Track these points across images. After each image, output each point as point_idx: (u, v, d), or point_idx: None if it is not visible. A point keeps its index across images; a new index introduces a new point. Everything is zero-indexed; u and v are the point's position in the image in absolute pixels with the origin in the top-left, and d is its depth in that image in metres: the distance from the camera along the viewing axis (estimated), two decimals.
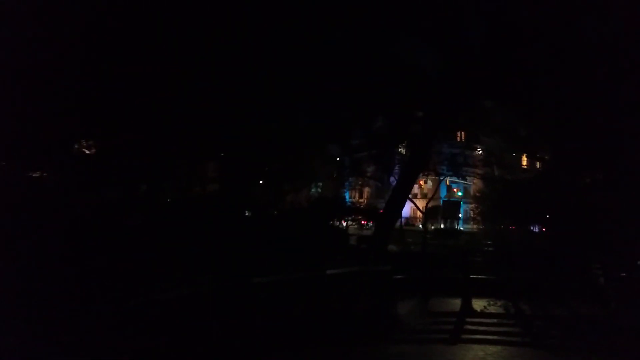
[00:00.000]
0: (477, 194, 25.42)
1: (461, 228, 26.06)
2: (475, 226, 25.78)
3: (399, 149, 23.26)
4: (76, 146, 16.63)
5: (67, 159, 15.56)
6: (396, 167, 22.34)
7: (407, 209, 27.74)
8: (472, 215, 27.24)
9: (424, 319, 12.71)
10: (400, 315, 12.85)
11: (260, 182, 19.47)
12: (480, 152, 23.90)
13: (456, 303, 13.75)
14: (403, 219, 25.59)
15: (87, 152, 17.69)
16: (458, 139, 25.22)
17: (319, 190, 25.26)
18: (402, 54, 20.13)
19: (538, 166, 24.36)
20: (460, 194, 28.98)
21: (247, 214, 18.01)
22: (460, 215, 27.69)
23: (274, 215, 17.39)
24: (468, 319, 12.69)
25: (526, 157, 24.11)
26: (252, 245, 13.31)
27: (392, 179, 23.64)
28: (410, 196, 28.01)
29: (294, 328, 10.57)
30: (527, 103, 20.08)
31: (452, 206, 27.32)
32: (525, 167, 25.36)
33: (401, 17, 19.20)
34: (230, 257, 12.14)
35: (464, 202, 28.78)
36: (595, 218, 15.93)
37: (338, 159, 25.21)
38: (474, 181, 25.95)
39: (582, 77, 17.12)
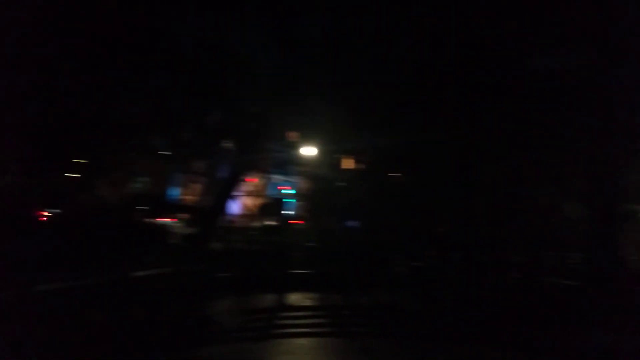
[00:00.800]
0: (305, 192, 26.62)
1: (288, 225, 26.88)
2: (303, 223, 26.89)
3: (230, 145, 22.93)
4: None
5: None
6: (226, 164, 21.99)
7: (237, 206, 27.61)
8: (300, 212, 28.38)
9: (238, 317, 12.55)
10: (213, 315, 12.49)
11: (66, 175, 17.16)
12: (309, 151, 24.90)
13: (273, 299, 13.99)
14: (232, 216, 25.38)
15: None
16: (288, 138, 25.94)
17: (142, 185, 23.46)
18: (240, 48, 19.91)
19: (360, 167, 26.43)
20: (292, 192, 29.88)
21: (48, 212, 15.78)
22: (285, 212, 28.57)
23: (78, 213, 15.48)
24: (281, 314, 12.97)
25: (349, 158, 25.88)
26: (43, 247, 11.59)
27: (223, 175, 23.20)
28: (242, 193, 28.00)
29: (86, 340, 9.41)
30: (353, 108, 21.43)
31: (275, 204, 28.10)
32: (349, 168, 27.20)
33: (241, 10, 18.97)
34: (10, 263, 10.35)
35: (295, 200, 29.85)
36: (397, 214, 17.82)
37: (168, 152, 23.89)
38: (303, 180, 27.07)
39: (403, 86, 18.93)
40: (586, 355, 10.25)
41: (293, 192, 28.82)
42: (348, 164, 25.27)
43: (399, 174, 22.75)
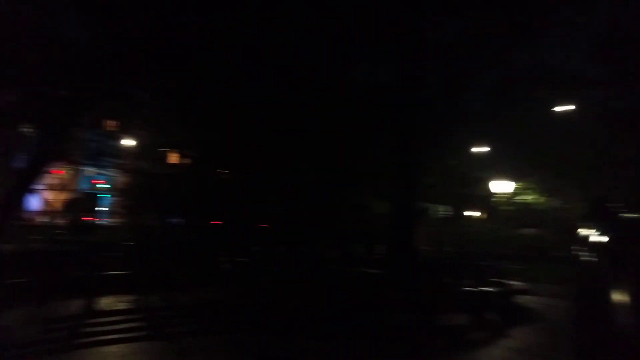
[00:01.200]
0: (123, 187, 24.51)
1: (103, 222, 24.42)
2: (120, 220, 24.73)
3: (29, 131, 19.82)
4: None
5: None
6: (23, 153, 18.94)
7: (37, 201, 24.00)
8: (117, 208, 26.08)
9: (34, 328, 10.90)
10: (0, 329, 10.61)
11: None
12: (128, 143, 22.96)
13: (80, 304, 12.50)
14: (30, 213, 21.98)
15: None
16: (104, 127, 23.52)
17: None
18: (46, 22, 17.37)
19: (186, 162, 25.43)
20: (108, 186, 27.18)
21: None
22: (98, 208, 26.05)
23: None
24: (89, 321, 11.69)
25: (175, 152, 24.78)
26: None
27: (19, 165, 19.92)
28: (43, 187, 24.43)
29: None
30: (179, 101, 20.52)
31: (88, 199, 25.42)
32: (175, 162, 26.05)
33: None
34: None
35: (111, 195, 27.21)
36: (223, 211, 17.73)
37: None
38: (122, 174, 24.87)
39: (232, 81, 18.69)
40: (388, 332, 11.76)
41: (108, 186, 26.25)
42: (173, 158, 24.16)
43: (225, 171, 22.64)
